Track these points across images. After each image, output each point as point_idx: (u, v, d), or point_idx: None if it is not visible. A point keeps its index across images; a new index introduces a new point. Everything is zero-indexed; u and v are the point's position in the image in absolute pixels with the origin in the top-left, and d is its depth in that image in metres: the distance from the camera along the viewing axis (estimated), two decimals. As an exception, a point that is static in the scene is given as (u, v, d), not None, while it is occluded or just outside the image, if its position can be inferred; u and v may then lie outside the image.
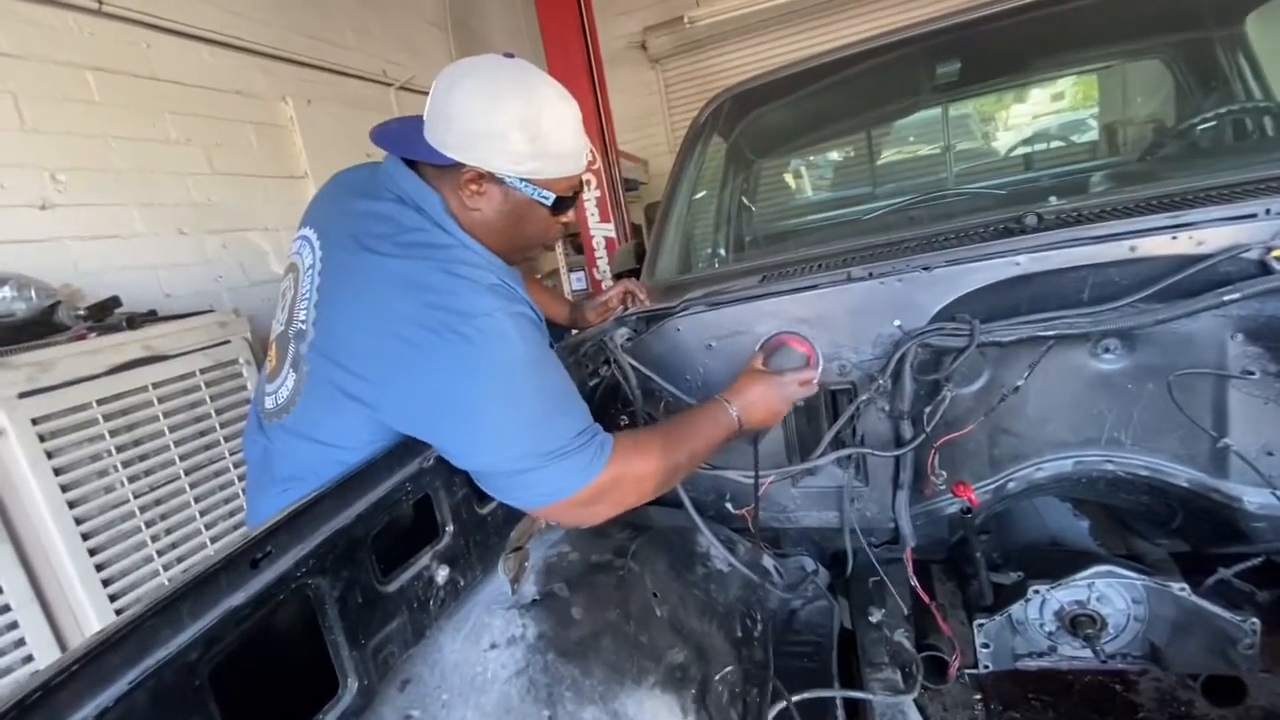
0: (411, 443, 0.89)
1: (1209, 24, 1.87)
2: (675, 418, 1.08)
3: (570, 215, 1.05)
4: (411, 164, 0.98)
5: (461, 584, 0.93)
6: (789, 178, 2.68)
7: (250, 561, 0.65)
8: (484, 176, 0.93)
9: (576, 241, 4.20)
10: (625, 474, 0.91)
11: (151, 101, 2.55)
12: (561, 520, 1.01)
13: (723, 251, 2.16)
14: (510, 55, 0.95)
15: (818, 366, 1.19)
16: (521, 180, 0.94)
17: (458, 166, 0.93)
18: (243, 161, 2.92)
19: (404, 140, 0.96)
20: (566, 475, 0.86)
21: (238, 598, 0.62)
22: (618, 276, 2.10)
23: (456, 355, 0.82)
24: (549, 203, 0.98)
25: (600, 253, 3.92)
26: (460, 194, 0.95)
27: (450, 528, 0.92)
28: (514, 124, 0.90)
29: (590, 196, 3.86)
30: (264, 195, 2.99)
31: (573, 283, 4.25)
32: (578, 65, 3.80)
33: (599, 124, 3.85)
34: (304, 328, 0.94)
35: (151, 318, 2.00)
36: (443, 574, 0.89)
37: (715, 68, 5.79)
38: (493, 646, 0.88)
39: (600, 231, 3.92)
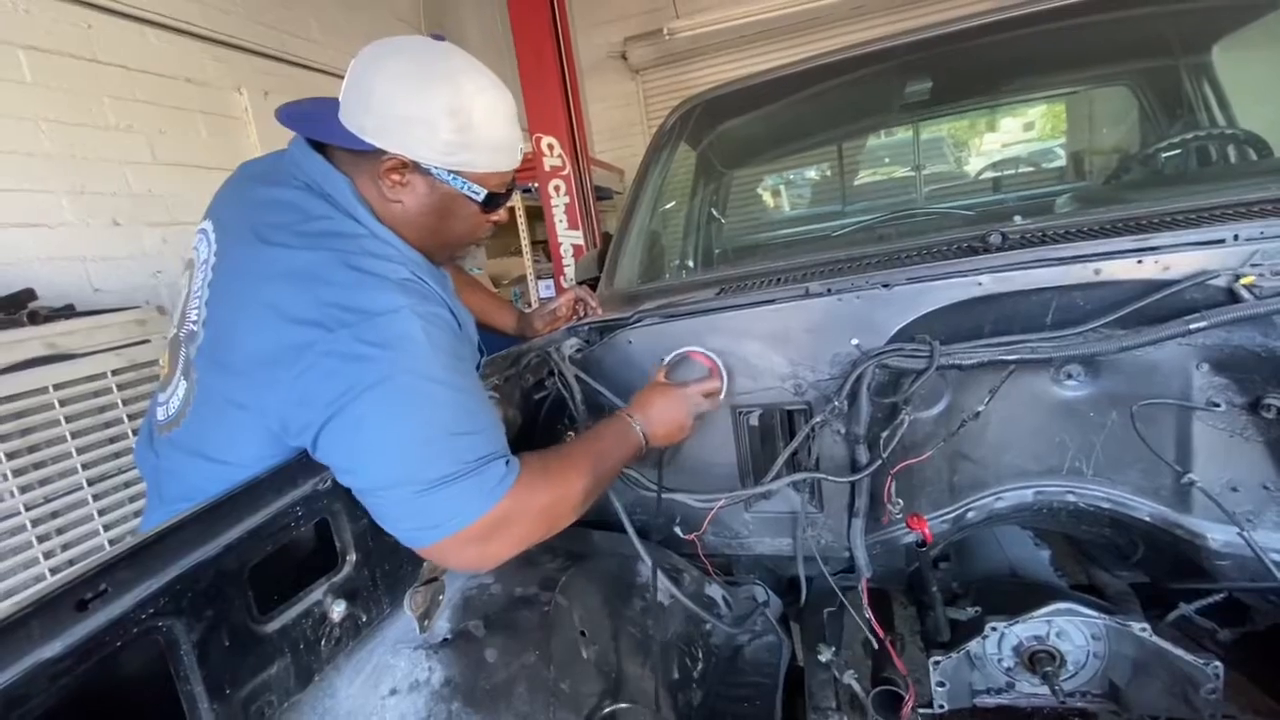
0: (306, 460, 0.79)
1: (1176, 52, 1.87)
2: (583, 438, 0.99)
3: (502, 214, 0.97)
4: (321, 148, 0.88)
5: (364, 620, 0.83)
6: (758, 190, 2.64)
7: (76, 603, 0.55)
8: (407, 166, 0.84)
9: (547, 249, 4.13)
10: (530, 506, 0.81)
11: (90, 85, 2.41)
12: (453, 562, 0.83)
13: (689, 263, 2.10)
14: (440, 37, 0.87)
15: (723, 378, 1.14)
16: (450, 173, 0.86)
17: (377, 153, 0.84)
18: (190, 152, 2.78)
19: (315, 121, 0.87)
20: (455, 505, 0.75)
21: (53, 648, 0.52)
22: (580, 285, 2.03)
23: (349, 355, 0.73)
24: (479, 198, 0.89)
25: (568, 260, 3.84)
26: (380, 184, 0.86)
27: (352, 556, 0.82)
28: (444, 111, 0.82)
29: (559, 203, 3.79)
30: (212, 188, 2.80)
31: (540, 290, 4.16)
32: (550, 71, 3.75)
33: (570, 131, 3.79)
34: (195, 329, 0.84)
35: (66, 313, 1.85)
36: (339, 609, 0.79)
37: (695, 80, 5.79)
38: (393, 692, 0.78)
39: (569, 239, 3.84)
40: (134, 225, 2.51)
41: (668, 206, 2.12)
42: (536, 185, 3.93)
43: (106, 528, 1.78)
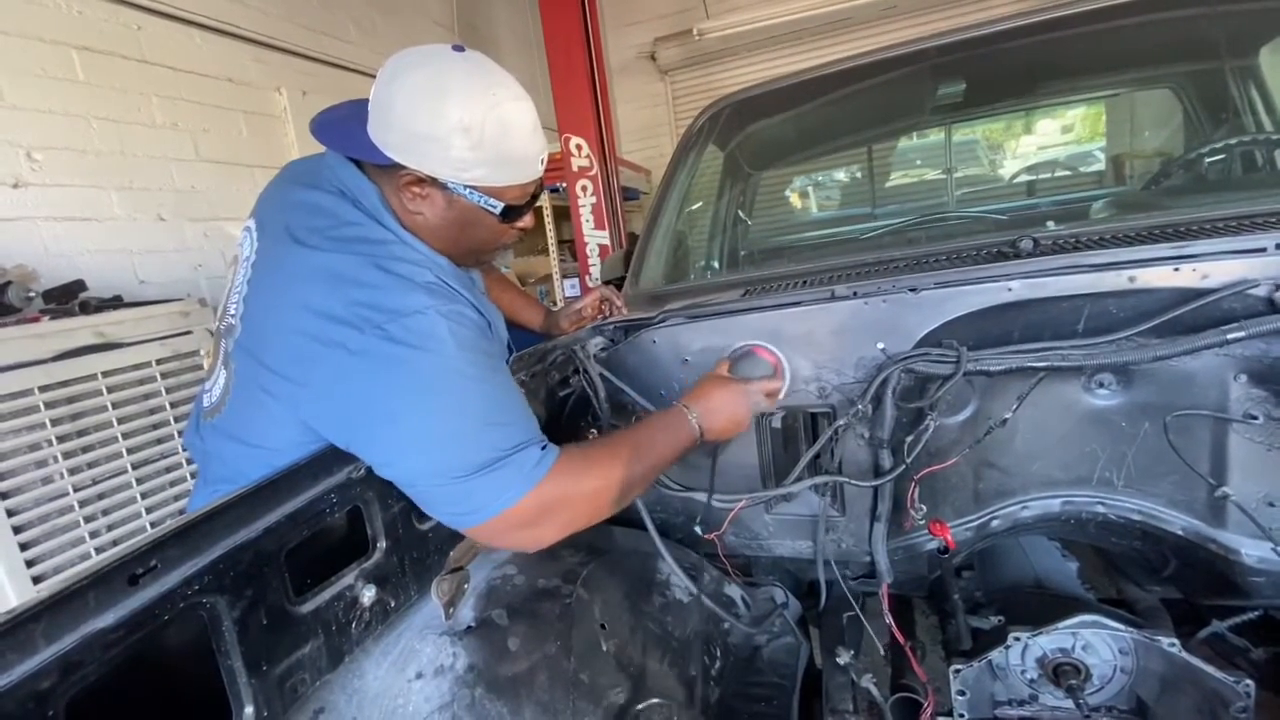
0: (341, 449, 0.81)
1: (1221, 55, 1.82)
2: (632, 427, 1.00)
3: (526, 220, 0.98)
4: None
5: (392, 606, 0.86)
6: (785, 192, 2.63)
7: (129, 577, 0.58)
8: (425, 180, 0.87)
9: (573, 248, 4.16)
10: (572, 490, 0.83)
11: (138, 84, 2.50)
12: (501, 543, 0.89)
13: (715, 264, 2.10)
14: (460, 48, 0.88)
15: (785, 379, 1.13)
16: (466, 187, 0.87)
17: (398, 166, 0.86)
18: (231, 150, 2.87)
19: (346, 134, 0.89)
20: (494, 490, 0.78)
21: (106, 619, 0.55)
22: (606, 284, 2.05)
23: (378, 354, 0.76)
24: (497, 211, 0.91)
25: (594, 260, 3.87)
26: (400, 196, 0.88)
27: (382, 544, 0.85)
28: (458, 128, 0.82)
29: (586, 203, 3.82)
30: (251, 185, 2.94)
31: (566, 289, 4.20)
32: (580, 72, 3.78)
33: (599, 131, 3.81)
34: (234, 322, 0.88)
35: (114, 303, 1.93)
36: (369, 594, 0.82)
37: (724, 81, 5.79)
38: (418, 676, 0.81)
39: (595, 238, 3.87)
40: (177, 220, 2.61)
41: (694, 207, 2.12)
42: (564, 185, 3.96)
43: (149, 510, 1.86)
